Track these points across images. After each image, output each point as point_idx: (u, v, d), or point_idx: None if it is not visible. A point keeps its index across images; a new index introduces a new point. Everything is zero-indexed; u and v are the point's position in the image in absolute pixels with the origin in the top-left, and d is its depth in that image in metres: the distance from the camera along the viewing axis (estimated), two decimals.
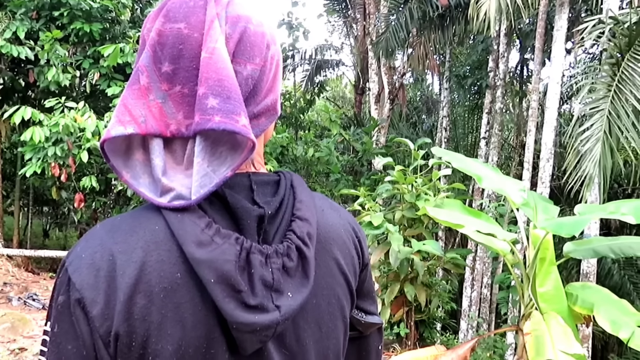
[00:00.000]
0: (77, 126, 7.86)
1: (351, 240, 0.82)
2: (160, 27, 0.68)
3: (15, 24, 8.88)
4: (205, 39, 0.66)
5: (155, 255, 0.63)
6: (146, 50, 0.68)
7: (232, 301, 0.62)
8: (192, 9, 0.68)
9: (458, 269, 4.39)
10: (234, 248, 0.64)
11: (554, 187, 8.37)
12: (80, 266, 0.63)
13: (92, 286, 0.62)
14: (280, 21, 13.32)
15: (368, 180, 8.83)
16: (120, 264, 0.62)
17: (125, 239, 0.64)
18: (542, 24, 7.16)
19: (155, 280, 0.62)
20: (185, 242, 0.62)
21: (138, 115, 0.67)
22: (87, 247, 0.65)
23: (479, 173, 3.43)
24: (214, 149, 0.67)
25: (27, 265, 9.00)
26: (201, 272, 0.62)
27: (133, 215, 0.68)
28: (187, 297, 0.63)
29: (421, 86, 16.99)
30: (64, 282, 0.64)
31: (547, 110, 6.15)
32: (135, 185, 0.68)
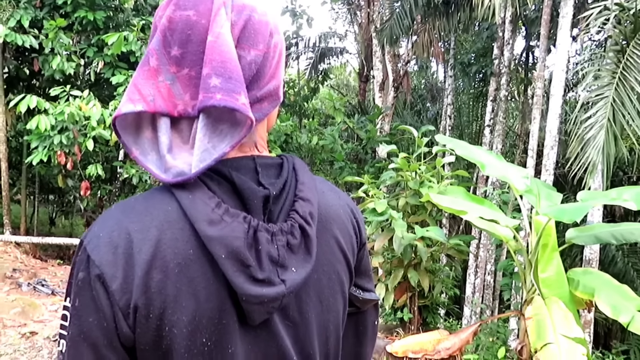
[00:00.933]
0: (82, 114, 7.89)
1: (349, 220, 0.87)
2: (170, 14, 0.72)
3: (19, 13, 8.88)
4: (211, 24, 0.70)
5: (169, 233, 0.68)
6: (157, 35, 0.73)
7: (242, 275, 0.67)
8: None
9: (461, 256, 4.43)
10: (243, 226, 0.69)
11: (558, 174, 8.37)
12: (98, 244, 0.68)
13: (111, 262, 0.66)
14: (284, 9, 13.26)
15: (372, 167, 8.85)
16: (137, 242, 0.67)
17: (141, 218, 0.69)
18: (548, 11, 7.11)
19: (170, 256, 0.67)
20: (197, 221, 0.67)
21: (147, 94, 0.71)
22: (104, 226, 0.69)
23: (483, 160, 3.45)
24: (215, 126, 0.71)
25: (34, 252, 9.10)
26: (213, 248, 0.67)
27: (146, 197, 0.73)
28: (200, 272, 0.68)
29: (426, 74, 16.91)
30: (83, 260, 0.68)
31: (552, 98, 6.14)
32: (143, 161, 0.73)
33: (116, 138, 8.06)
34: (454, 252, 4.23)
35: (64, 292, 5.63)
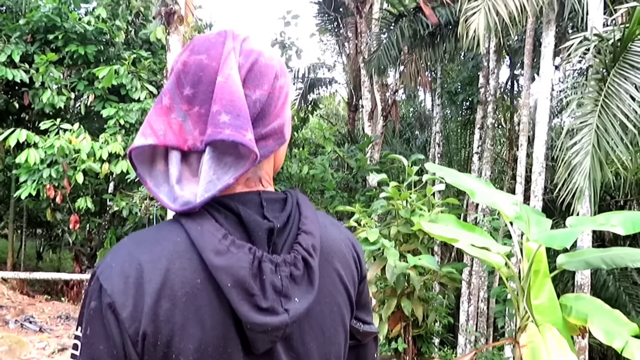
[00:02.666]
0: (72, 148, 7.88)
1: (350, 254, 0.90)
2: (185, 58, 0.79)
3: (10, 48, 8.94)
4: (221, 67, 0.77)
5: (178, 263, 0.71)
6: (171, 77, 0.80)
7: (247, 304, 0.71)
8: (214, 43, 0.80)
9: (454, 283, 4.42)
10: (248, 257, 0.72)
11: (547, 200, 8.46)
12: (110, 274, 0.71)
13: (122, 291, 0.70)
14: (274, 41, 13.50)
15: (363, 196, 8.88)
16: (147, 272, 0.71)
17: (151, 249, 0.73)
18: (530, 41, 7.31)
19: (178, 285, 0.70)
20: (205, 251, 0.71)
21: (158, 129, 0.77)
22: (117, 257, 0.73)
23: (472, 188, 3.49)
24: (220, 159, 0.76)
25: (22, 287, 8.93)
26: (219, 277, 0.70)
27: (157, 228, 0.77)
28: (207, 301, 0.71)
29: (414, 102, 17.16)
30: (95, 289, 0.71)
31: (537, 125, 6.26)
32: (156, 192, 0.78)
33: (106, 170, 8.06)
34: (446, 280, 4.23)
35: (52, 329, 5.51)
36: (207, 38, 0.81)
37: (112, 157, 8.14)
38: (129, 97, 9.01)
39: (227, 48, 0.78)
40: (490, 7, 5.93)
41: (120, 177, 8.43)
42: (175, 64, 0.81)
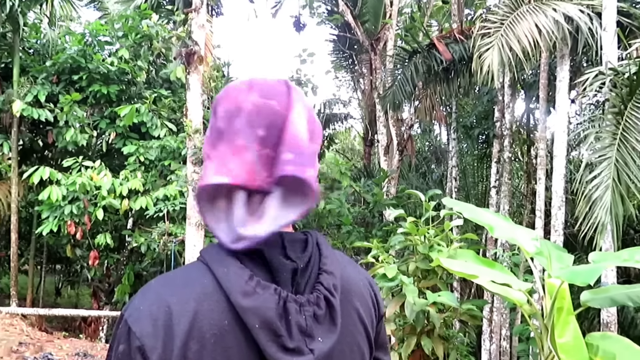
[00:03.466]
0: (93, 184, 8.04)
1: (369, 293, 0.91)
2: (256, 100, 0.82)
3: (37, 88, 9.27)
4: (290, 114, 0.82)
5: (206, 305, 0.73)
6: (243, 117, 0.81)
7: (274, 344, 0.72)
8: (280, 91, 0.84)
9: (475, 321, 4.33)
10: (274, 297, 0.74)
11: (568, 234, 8.30)
12: (139, 317, 0.72)
13: (151, 334, 0.71)
14: (290, 78, 13.76)
15: (380, 231, 8.83)
16: (175, 314, 0.72)
17: (179, 291, 0.74)
18: (545, 75, 7.35)
19: (206, 327, 0.72)
20: (232, 292, 0.73)
21: (233, 169, 0.79)
22: (145, 300, 0.74)
23: (491, 223, 3.45)
24: (286, 198, 0.79)
25: (40, 324, 8.96)
26: (247, 318, 0.72)
27: (184, 270, 0.78)
28: (234, 342, 0.73)
29: (429, 136, 17.19)
30: (124, 333, 0.72)
31: (555, 159, 6.22)
32: (215, 229, 0.80)
33: (126, 207, 8.17)
34: (467, 317, 4.14)
35: None
36: (271, 84, 0.84)
37: (132, 194, 8.26)
38: (149, 135, 9.22)
39: (295, 98, 0.83)
40: (503, 43, 6.01)
41: (139, 213, 8.53)
42: (241, 101, 0.82)
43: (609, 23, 5.68)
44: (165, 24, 10.65)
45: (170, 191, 8.10)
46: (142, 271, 9.37)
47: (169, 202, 8.10)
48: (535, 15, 6.12)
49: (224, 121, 0.82)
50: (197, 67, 7.47)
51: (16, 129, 9.57)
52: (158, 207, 8.12)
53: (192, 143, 7.47)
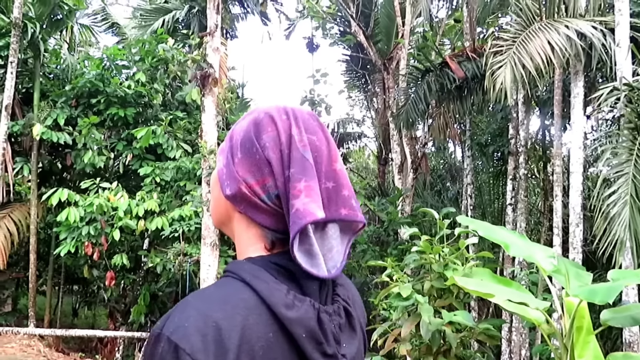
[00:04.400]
0: (110, 205, 8.14)
1: (360, 301, 1.00)
2: (305, 137, 0.86)
3: (56, 112, 9.49)
4: (333, 153, 0.89)
5: (251, 319, 0.76)
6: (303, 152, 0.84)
7: (317, 352, 0.78)
8: (315, 127, 0.89)
9: (493, 341, 4.25)
10: (312, 309, 0.80)
11: (587, 252, 8.16)
12: (186, 334, 0.73)
13: (202, 350, 0.72)
14: (304, 98, 13.89)
15: (395, 250, 8.76)
16: (225, 329, 0.74)
17: (221, 307, 0.76)
18: (559, 92, 7.31)
19: (254, 340, 0.75)
20: (277, 306, 0.77)
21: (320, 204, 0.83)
22: (186, 317, 0.75)
23: (507, 241, 3.41)
24: (342, 233, 0.87)
25: (57, 345, 9.02)
26: (293, 329, 0.77)
27: (218, 287, 0.82)
28: (280, 353, 0.77)
29: (443, 154, 17.13)
30: (168, 351, 0.72)
31: (572, 175, 6.15)
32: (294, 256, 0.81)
33: (142, 227, 8.25)
34: (484, 337, 4.07)
35: None
36: (307, 119, 0.89)
37: (148, 214, 8.35)
38: (165, 156, 9.34)
39: (329, 137, 0.90)
40: (516, 61, 6.01)
41: (155, 234, 8.60)
42: (295, 135, 0.85)
43: (623, 39, 5.66)
44: (181, 47, 10.88)
45: (185, 211, 8.17)
46: (157, 291, 9.40)
47: (184, 222, 8.16)
48: (547, 32, 6.13)
49: (276, 152, 0.84)
50: (212, 90, 7.60)
51: (36, 152, 9.78)
52: (173, 228, 8.18)
53: (207, 164, 7.55)
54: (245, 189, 0.84)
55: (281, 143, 0.84)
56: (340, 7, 12.82)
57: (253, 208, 0.85)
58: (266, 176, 0.84)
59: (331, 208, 0.84)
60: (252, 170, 0.84)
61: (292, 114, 0.87)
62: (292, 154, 0.83)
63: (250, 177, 0.84)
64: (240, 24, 13.50)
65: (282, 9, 14.17)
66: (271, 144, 0.84)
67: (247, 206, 0.85)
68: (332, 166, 0.87)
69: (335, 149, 0.89)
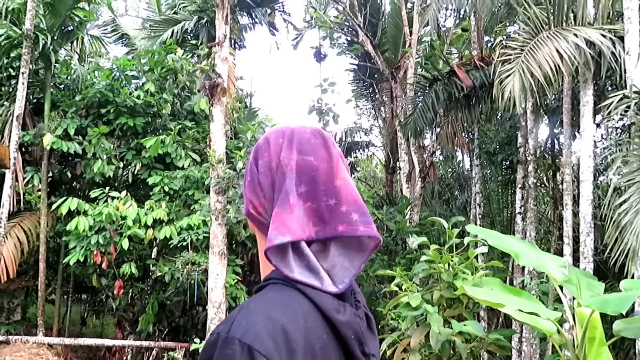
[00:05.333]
0: (119, 214, 8.18)
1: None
2: (296, 159, 0.92)
3: (67, 122, 9.57)
4: (336, 170, 0.92)
5: (310, 322, 0.83)
6: (290, 176, 0.91)
7: (360, 352, 0.86)
8: (316, 145, 0.94)
9: (503, 351, 4.20)
10: (353, 313, 0.88)
11: (599, 261, 8.06)
12: (259, 336, 0.77)
13: (275, 352, 0.77)
14: (311, 107, 13.92)
15: (403, 259, 8.72)
16: (291, 331, 0.79)
17: (284, 311, 0.82)
18: (568, 100, 7.27)
19: (314, 341, 0.82)
20: (329, 310, 0.85)
21: (291, 227, 0.88)
22: (255, 320, 0.79)
23: (516, 250, 3.39)
24: (346, 249, 0.91)
25: (66, 354, 9.02)
26: (344, 331, 0.85)
27: (276, 293, 0.87)
28: (333, 353, 0.84)
29: (452, 163, 17.07)
30: (241, 352, 0.75)
31: (582, 184, 6.10)
32: (292, 275, 0.87)
33: (150, 236, 8.27)
34: (494, 347, 4.03)
35: None
36: (307, 138, 0.94)
37: (156, 223, 8.37)
38: (173, 165, 9.38)
39: (333, 152, 0.94)
40: (524, 69, 6.00)
41: (164, 243, 8.62)
42: (286, 161, 0.92)
43: (632, 46, 5.63)
44: (190, 57, 10.96)
45: (193, 220, 8.18)
46: (165, 300, 9.40)
47: (193, 231, 8.17)
48: (555, 41, 6.11)
49: (267, 177, 0.93)
50: (221, 99, 7.64)
51: (46, 161, 9.85)
52: (182, 237, 8.19)
53: (216, 173, 7.57)
54: (252, 210, 0.95)
55: (272, 168, 0.93)
56: (347, 17, 12.88)
57: (262, 225, 0.94)
58: (262, 199, 0.93)
59: (330, 225, 0.89)
60: (255, 193, 0.94)
61: (289, 137, 0.94)
62: (278, 178, 0.91)
63: (254, 198, 0.94)
64: (248, 34, 13.59)
65: (289, 19, 14.24)
66: (264, 170, 0.93)
67: (259, 224, 0.96)
68: (333, 183, 0.90)
69: (338, 165, 0.92)
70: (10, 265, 9.11)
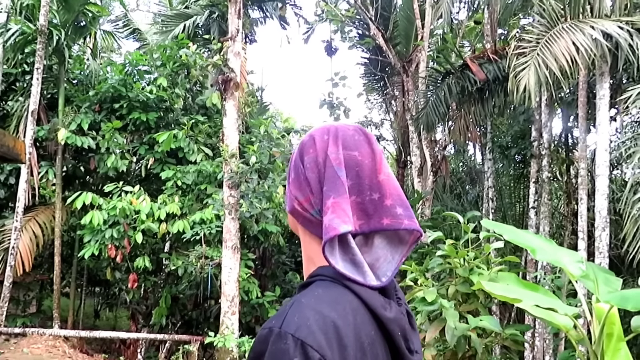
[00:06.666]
0: (132, 209, 8.24)
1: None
2: (341, 154, 0.93)
3: (80, 117, 9.65)
4: (379, 166, 0.94)
5: (359, 318, 0.84)
6: (341, 170, 0.92)
7: (406, 348, 0.88)
8: (359, 141, 0.95)
9: (518, 346, 4.19)
10: (399, 310, 0.90)
11: (613, 256, 7.99)
12: (311, 331, 0.78)
13: (327, 346, 0.77)
14: (322, 101, 13.89)
15: (415, 253, 8.70)
16: (342, 327, 0.80)
17: (335, 307, 0.83)
18: (584, 93, 7.19)
19: (364, 337, 0.83)
20: (377, 307, 0.86)
21: (351, 217, 0.89)
22: (306, 316, 0.80)
23: (533, 245, 3.36)
24: (390, 243, 0.93)
25: (81, 346, 9.14)
26: (391, 327, 0.86)
27: (325, 290, 0.87)
28: (380, 349, 0.85)
29: (463, 157, 16.98)
30: (294, 347, 0.76)
31: (597, 178, 6.03)
32: (337, 267, 0.88)
33: (164, 230, 8.33)
34: (510, 342, 4.01)
35: None
36: (351, 135, 0.95)
37: (169, 217, 8.43)
38: (186, 160, 9.43)
39: (378, 150, 0.95)
40: (540, 62, 5.93)
41: (177, 237, 8.68)
42: (330, 155, 0.93)
43: None
44: (201, 52, 10.97)
45: (206, 215, 8.23)
46: (178, 294, 9.48)
47: (205, 225, 8.22)
48: (572, 33, 6.04)
49: (313, 172, 0.94)
50: (233, 94, 7.65)
51: (60, 156, 9.95)
52: (194, 231, 8.24)
53: (229, 167, 7.60)
54: (297, 206, 0.95)
55: (318, 163, 0.94)
56: (359, 10, 12.81)
57: (307, 222, 0.95)
58: (309, 194, 0.94)
59: (374, 219, 0.90)
60: (301, 188, 0.95)
61: (334, 133, 0.95)
62: (326, 172, 0.92)
63: (300, 194, 0.95)
64: (259, 28, 13.56)
65: (301, 13, 14.21)
66: (311, 165, 0.94)
67: (303, 220, 0.96)
68: (377, 178, 0.92)
69: (381, 161, 0.94)
70: (26, 259, 9.23)
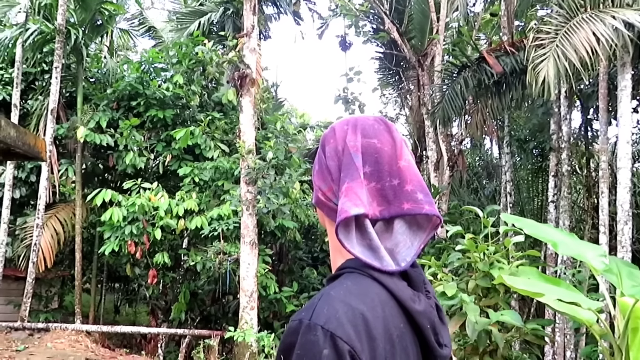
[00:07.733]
0: (151, 205, 8.33)
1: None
2: (360, 141, 0.95)
3: (99, 115, 9.78)
4: (400, 152, 0.95)
5: (387, 310, 0.84)
6: (357, 156, 0.93)
7: (435, 341, 0.88)
8: (379, 130, 0.96)
9: (540, 341, 4.15)
10: (427, 303, 0.90)
11: (636, 250, 7.86)
12: (341, 323, 0.78)
13: (356, 338, 0.78)
14: (337, 96, 13.87)
15: (432, 248, 8.66)
16: (371, 320, 0.81)
17: (363, 300, 0.83)
18: (605, 85, 7.07)
19: (392, 329, 0.83)
20: (406, 300, 0.86)
21: (364, 200, 0.89)
22: (335, 308, 0.81)
23: (554, 239, 3.33)
24: (409, 228, 0.93)
25: (103, 341, 9.29)
26: (420, 320, 0.86)
27: (354, 282, 0.87)
28: (409, 341, 0.85)
29: (480, 151, 16.82)
30: (323, 339, 0.77)
31: (619, 171, 5.94)
32: (353, 251, 0.88)
33: (182, 226, 8.41)
34: (531, 337, 3.98)
35: None
36: (370, 124, 0.97)
37: (187, 214, 8.51)
38: (202, 156, 9.49)
39: (399, 138, 0.96)
40: (559, 54, 5.85)
41: (195, 233, 8.76)
42: (352, 144, 0.94)
43: None
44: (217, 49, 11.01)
45: (224, 211, 8.29)
46: (197, 289, 9.57)
47: (223, 221, 8.28)
48: (592, 23, 5.93)
49: (333, 160, 0.95)
50: (249, 90, 7.68)
51: (80, 153, 10.09)
52: (212, 227, 8.31)
53: (246, 164, 7.63)
54: (321, 196, 0.97)
55: (338, 152, 0.95)
56: (373, 5, 12.73)
57: (332, 212, 0.94)
58: (330, 183, 0.95)
59: (395, 204, 0.90)
60: (324, 178, 0.96)
61: (353, 123, 0.97)
62: (344, 159, 0.93)
63: (323, 184, 0.96)
64: (273, 24, 13.57)
65: (314, 8, 14.17)
66: (331, 154, 0.96)
67: (328, 210, 0.96)
68: (397, 164, 0.93)
69: (402, 148, 0.95)
70: (48, 255, 9.40)
